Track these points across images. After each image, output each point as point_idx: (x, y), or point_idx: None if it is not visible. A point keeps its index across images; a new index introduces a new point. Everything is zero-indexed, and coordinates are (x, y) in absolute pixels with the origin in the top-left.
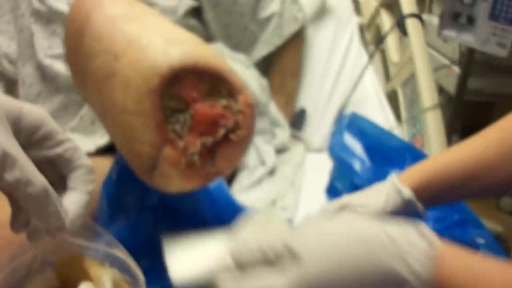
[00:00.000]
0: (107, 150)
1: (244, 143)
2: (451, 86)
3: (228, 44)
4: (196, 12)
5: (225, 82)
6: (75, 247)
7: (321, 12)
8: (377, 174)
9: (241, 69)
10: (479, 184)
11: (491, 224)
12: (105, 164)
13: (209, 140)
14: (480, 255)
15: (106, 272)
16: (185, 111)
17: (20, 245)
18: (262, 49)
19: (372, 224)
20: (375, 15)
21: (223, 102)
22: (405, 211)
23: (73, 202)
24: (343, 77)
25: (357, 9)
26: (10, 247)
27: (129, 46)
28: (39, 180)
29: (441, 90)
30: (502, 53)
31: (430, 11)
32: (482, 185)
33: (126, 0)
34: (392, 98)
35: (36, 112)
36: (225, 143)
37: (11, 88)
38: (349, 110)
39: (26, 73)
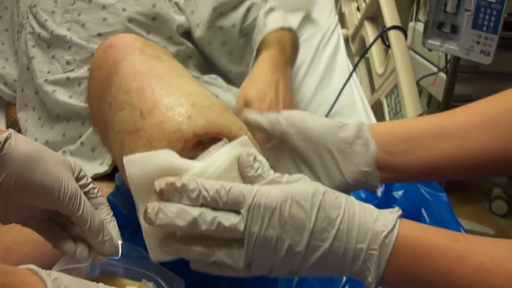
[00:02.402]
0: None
1: None
2: (438, 92)
3: (232, 60)
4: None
5: None
6: (118, 268)
7: (306, 24)
8: None
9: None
10: (447, 144)
11: (482, 228)
12: (103, 189)
13: None
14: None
15: (147, 283)
16: None
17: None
18: (259, 36)
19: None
20: (359, 27)
21: None
22: (360, 179)
23: (112, 227)
24: (330, 88)
25: (342, 21)
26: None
27: (156, 105)
28: (98, 216)
29: (430, 96)
30: (486, 60)
31: (416, 19)
32: (450, 146)
33: (155, 52)
34: (377, 108)
35: (78, 163)
36: None
37: (7, 110)
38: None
39: (27, 97)
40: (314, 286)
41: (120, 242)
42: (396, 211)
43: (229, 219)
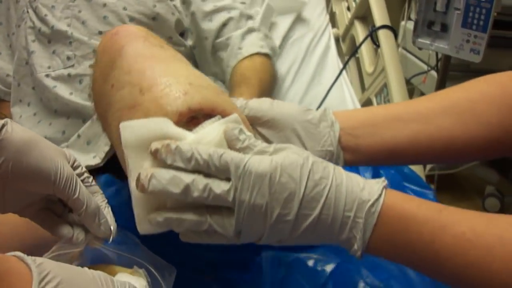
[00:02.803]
0: (93, 170)
1: None
2: (430, 90)
3: (211, 72)
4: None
5: None
6: (112, 254)
7: (297, 24)
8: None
9: None
10: (406, 128)
11: None
12: None
13: None
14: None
15: (138, 270)
16: None
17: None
18: (232, 60)
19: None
20: (350, 26)
21: None
22: (325, 159)
23: (107, 213)
24: (320, 87)
25: (333, 20)
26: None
27: (155, 82)
28: (94, 200)
29: (422, 95)
30: (476, 59)
31: (408, 18)
32: (410, 130)
33: (158, 42)
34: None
35: (71, 152)
36: None
37: None
38: None
39: (24, 92)
40: (300, 281)
41: (114, 227)
42: (382, 181)
43: (220, 186)
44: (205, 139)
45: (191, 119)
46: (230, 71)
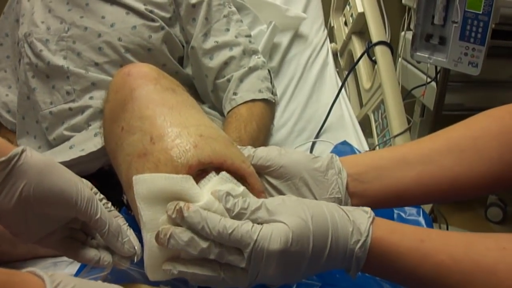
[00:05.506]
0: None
1: None
2: (431, 102)
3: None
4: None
5: (247, 184)
6: (138, 274)
7: (295, 40)
8: None
9: None
10: (412, 170)
11: None
12: None
13: None
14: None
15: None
16: None
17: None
18: (227, 105)
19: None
20: (347, 41)
21: None
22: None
23: (130, 234)
24: (319, 103)
25: (331, 35)
26: None
27: (166, 132)
28: (115, 220)
29: (423, 106)
30: (474, 72)
31: (408, 29)
32: (415, 172)
33: (169, 84)
34: (366, 123)
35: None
36: None
37: (7, 138)
38: (324, 136)
39: (29, 125)
40: None
41: (138, 246)
42: (368, 217)
43: (234, 255)
44: (214, 207)
45: (201, 172)
46: (225, 113)
